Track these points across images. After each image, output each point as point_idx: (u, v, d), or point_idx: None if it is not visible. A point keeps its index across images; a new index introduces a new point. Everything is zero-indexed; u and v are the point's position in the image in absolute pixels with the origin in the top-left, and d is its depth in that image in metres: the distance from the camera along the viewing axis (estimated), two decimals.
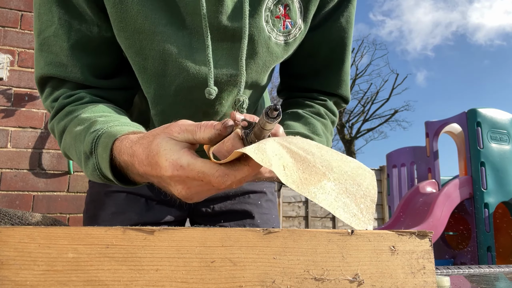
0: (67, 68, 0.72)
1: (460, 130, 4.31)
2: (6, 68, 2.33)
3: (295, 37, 0.80)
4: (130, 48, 0.73)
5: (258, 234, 0.40)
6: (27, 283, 0.33)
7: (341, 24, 0.85)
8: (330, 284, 0.41)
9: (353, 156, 16.71)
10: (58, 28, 0.70)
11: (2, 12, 2.37)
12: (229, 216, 0.95)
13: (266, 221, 0.98)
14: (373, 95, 18.60)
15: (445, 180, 4.44)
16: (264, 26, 0.76)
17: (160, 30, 0.71)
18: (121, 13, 0.69)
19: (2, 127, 2.30)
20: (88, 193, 0.96)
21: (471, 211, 3.99)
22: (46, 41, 0.72)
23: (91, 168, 0.63)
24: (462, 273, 0.87)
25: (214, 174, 0.48)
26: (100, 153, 0.60)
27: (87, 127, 0.64)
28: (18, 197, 2.27)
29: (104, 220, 0.88)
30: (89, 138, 0.62)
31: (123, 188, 0.90)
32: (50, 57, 0.72)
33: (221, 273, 0.38)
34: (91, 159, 0.62)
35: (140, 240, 0.36)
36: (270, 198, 1.02)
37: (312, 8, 0.80)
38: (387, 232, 0.45)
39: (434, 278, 0.46)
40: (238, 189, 0.96)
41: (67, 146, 0.70)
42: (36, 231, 0.34)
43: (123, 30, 0.71)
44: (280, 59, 0.81)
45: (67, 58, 0.71)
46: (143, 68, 0.74)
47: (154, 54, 0.72)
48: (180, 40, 0.72)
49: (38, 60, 0.74)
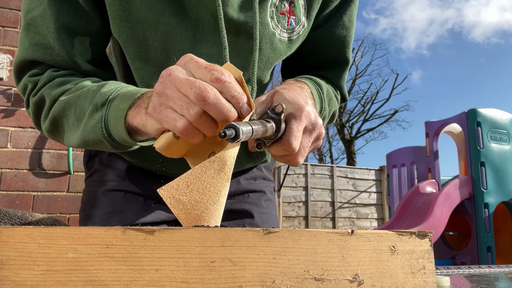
0: (54, 51, 0.70)
1: (460, 130, 4.31)
2: (6, 68, 2.33)
3: (299, 35, 0.80)
4: (132, 39, 0.71)
5: (258, 234, 0.40)
6: (27, 283, 0.33)
7: (343, 23, 0.86)
8: (330, 284, 0.41)
9: (353, 156, 16.70)
10: (47, 9, 0.68)
11: (2, 12, 2.37)
12: (228, 215, 0.95)
13: (266, 221, 0.98)
14: (373, 95, 18.60)
15: (445, 180, 4.44)
16: (269, 22, 0.76)
17: (163, 21, 0.70)
18: (125, 2, 0.69)
19: (2, 127, 2.30)
20: (85, 192, 0.95)
21: (471, 211, 3.99)
22: (33, 21, 0.69)
23: (96, 120, 0.62)
24: (462, 273, 0.87)
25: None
26: (116, 105, 0.60)
27: (99, 86, 0.63)
28: (18, 197, 2.27)
29: (101, 220, 0.87)
30: (106, 90, 0.62)
31: (120, 187, 0.89)
32: (36, 38, 0.69)
33: (221, 273, 0.38)
34: (99, 111, 0.61)
35: (140, 240, 0.36)
36: (269, 198, 1.02)
37: (315, 6, 0.81)
38: (387, 232, 0.45)
39: (434, 278, 0.46)
40: (237, 188, 0.96)
41: (60, 110, 0.67)
42: (36, 231, 0.34)
43: (126, 20, 0.70)
44: (283, 56, 0.81)
45: (54, 40, 0.69)
46: (145, 59, 0.73)
47: (156, 45, 0.72)
48: (183, 31, 0.71)
49: (23, 40, 0.71)
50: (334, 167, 8.49)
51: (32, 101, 0.72)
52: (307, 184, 8.01)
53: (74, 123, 0.66)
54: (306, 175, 8.03)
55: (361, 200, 8.56)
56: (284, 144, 0.56)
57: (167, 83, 0.51)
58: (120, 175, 0.90)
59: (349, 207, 8.41)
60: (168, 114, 0.50)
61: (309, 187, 8.01)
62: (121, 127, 0.59)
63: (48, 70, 0.71)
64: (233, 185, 0.96)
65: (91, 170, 0.95)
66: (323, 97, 0.77)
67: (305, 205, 7.93)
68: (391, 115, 18.51)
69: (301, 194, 7.94)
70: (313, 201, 8.05)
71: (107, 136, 0.63)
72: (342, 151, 18.48)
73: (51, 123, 0.70)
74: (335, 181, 8.33)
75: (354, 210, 8.45)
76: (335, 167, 8.50)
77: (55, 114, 0.69)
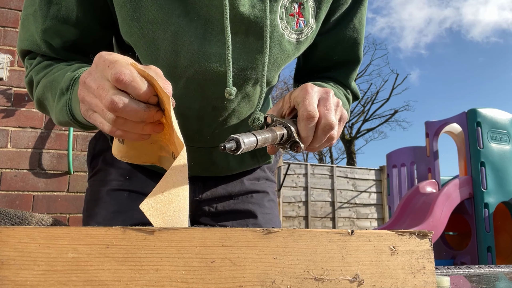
0: (40, 48, 0.75)
1: (460, 130, 4.31)
2: (6, 68, 2.33)
3: (307, 36, 0.81)
4: (142, 38, 0.73)
5: (258, 234, 0.40)
6: (27, 283, 0.33)
7: (354, 25, 0.88)
8: (330, 284, 0.41)
9: (353, 156, 16.71)
10: (37, 10, 0.73)
11: (2, 12, 2.37)
12: (232, 216, 0.95)
13: (269, 221, 0.98)
14: (373, 95, 18.62)
15: (445, 180, 4.44)
16: (278, 23, 0.76)
17: (173, 21, 0.71)
18: (135, 3, 0.70)
19: (2, 127, 2.30)
20: (88, 192, 0.95)
21: (471, 211, 3.99)
22: (27, 18, 0.75)
23: (62, 103, 0.66)
24: (462, 273, 0.87)
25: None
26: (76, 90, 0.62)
27: (67, 69, 0.68)
28: (18, 197, 2.27)
29: (105, 219, 0.87)
30: (69, 75, 0.65)
31: (124, 187, 0.90)
32: (27, 34, 0.76)
33: (221, 273, 0.38)
34: (65, 95, 0.65)
35: (140, 240, 0.36)
36: (272, 198, 1.03)
37: (324, 8, 0.81)
38: (387, 232, 0.45)
39: (434, 278, 0.47)
40: (241, 189, 0.97)
41: (41, 92, 0.72)
42: (36, 231, 0.34)
43: (137, 20, 0.71)
44: (290, 57, 0.82)
45: (40, 39, 0.74)
46: (155, 58, 0.74)
47: (166, 44, 0.72)
48: (193, 31, 0.72)
49: (20, 32, 0.78)
50: (334, 167, 8.49)
51: (25, 81, 0.79)
52: (307, 184, 8.02)
53: (51, 104, 0.71)
54: (306, 175, 8.03)
55: (361, 200, 8.56)
56: (302, 115, 0.59)
57: (84, 90, 0.54)
58: (124, 174, 0.91)
59: (349, 207, 8.42)
60: (96, 118, 0.54)
61: (309, 187, 8.01)
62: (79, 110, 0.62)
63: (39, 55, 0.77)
64: (236, 185, 0.97)
65: (94, 169, 0.95)
66: None
67: (305, 205, 7.93)
68: (391, 115, 18.53)
69: (301, 194, 7.94)
70: (313, 201, 8.05)
71: (72, 118, 0.66)
72: (342, 151, 18.50)
73: (37, 103, 0.76)
74: (335, 181, 8.33)
75: (354, 210, 8.45)
76: (335, 167, 8.50)
77: (38, 96, 0.74)
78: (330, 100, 0.62)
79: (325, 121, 0.60)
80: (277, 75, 0.83)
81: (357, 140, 17.87)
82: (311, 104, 0.59)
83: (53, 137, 2.39)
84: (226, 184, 0.96)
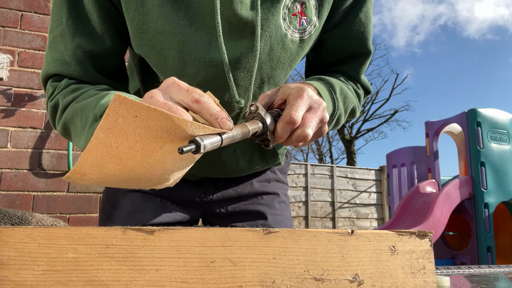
0: (70, 67, 0.75)
1: (460, 130, 4.31)
2: (6, 68, 2.33)
3: (310, 34, 0.82)
4: (152, 49, 0.75)
5: (258, 234, 0.40)
6: (27, 283, 0.33)
7: (360, 20, 0.88)
8: (330, 284, 0.41)
9: (353, 156, 16.70)
10: (65, 29, 0.74)
11: (2, 12, 2.37)
12: (242, 217, 0.96)
13: (279, 222, 0.99)
14: (373, 95, 18.59)
15: (445, 180, 4.44)
16: (281, 23, 0.77)
17: (179, 31, 0.73)
18: (143, 16, 0.73)
19: (2, 127, 2.30)
20: (104, 193, 0.99)
21: (471, 211, 3.99)
22: (54, 39, 0.76)
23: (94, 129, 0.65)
24: (462, 273, 0.87)
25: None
26: None
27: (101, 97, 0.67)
28: (18, 197, 2.27)
29: (119, 219, 0.90)
30: (104, 101, 0.65)
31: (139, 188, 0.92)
32: (56, 55, 0.76)
33: (221, 273, 0.38)
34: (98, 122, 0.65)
35: (140, 240, 0.36)
36: (283, 200, 1.03)
37: (326, 5, 0.82)
38: (387, 232, 0.45)
39: (434, 278, 0.47)
40: (251, 190, 0.98)
41: (69, 116, 0.72)
42: (36, 231, 0.34)
43: (145, 32, 0.74)
44: (295, 56, 0.83)
45: (70, 57, 0.75)
46: (164, 67, 0.77)
47: (174, 54, 0.74)
48: (198, 40, 0.74)
49: (47, 56, 0.78)
50: (334, 167, 8.49)
51: (49, 105, 0.78)
52: (307, 184, 8.02)
53: (80, 130, 0.71)
54: (306, 175, 8.03)
55: (361, 200, 8.56)
56: (285, 117, 0.59)
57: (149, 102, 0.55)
58: None
59: (349, 207, 8.42)
60: None
61: (309, 187, 8.01)
62: None
63: (66, 78, 0.77)
64: (246, 187, 0.98)
65: None
66: (335, 96, 0.79)
67: (305, 205, 7.93)
68: (391, 115, 18.53)
69: (301, 194, 7.94)
70: (313, 201, 8.05)
71: None
72: (342, 151, 18.51)
73: (62, 127, 0.76)
74: (335, 181, 8.33)
75: (354, 210, 8.45)
76: (335, 167, 8.50)
77: (65, 120, 0.74)
78: (318, 113, 0.63)
79: (301, 131, 0.61)
80: (285, 75, 0.84)
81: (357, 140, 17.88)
82: (298, 110, 0.60)
83: (53, 137, 2.39)
84: (237, 186, 0.97)
